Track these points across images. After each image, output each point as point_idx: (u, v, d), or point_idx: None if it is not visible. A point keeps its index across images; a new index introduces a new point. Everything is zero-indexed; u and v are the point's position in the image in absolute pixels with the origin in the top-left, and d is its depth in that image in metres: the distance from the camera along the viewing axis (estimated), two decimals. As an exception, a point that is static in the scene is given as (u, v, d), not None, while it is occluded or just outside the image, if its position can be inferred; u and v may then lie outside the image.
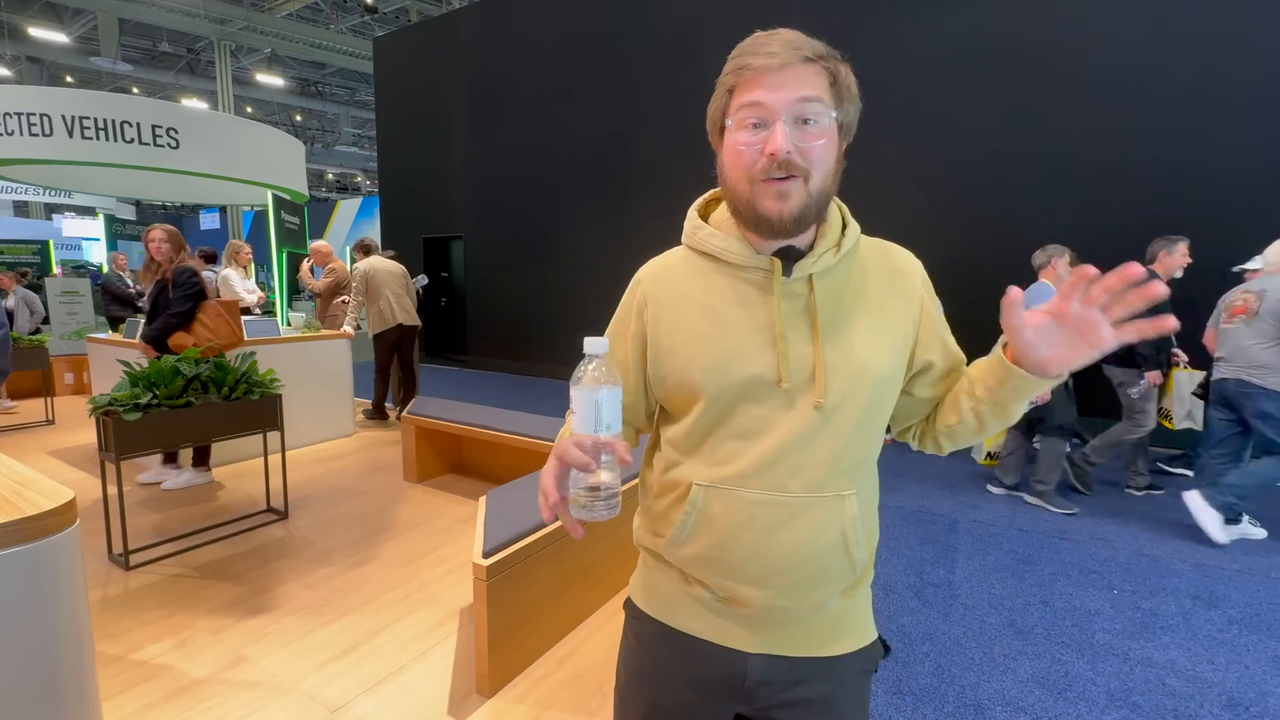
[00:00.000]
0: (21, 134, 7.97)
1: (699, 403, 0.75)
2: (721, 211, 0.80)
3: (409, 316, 5.04)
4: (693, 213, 0.83)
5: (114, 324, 6.96)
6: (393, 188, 9.95)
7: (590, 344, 0.61)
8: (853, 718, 0.80)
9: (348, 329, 4.90)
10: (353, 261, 5.42)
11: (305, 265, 6.21)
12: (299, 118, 20.53)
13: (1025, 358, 0.69)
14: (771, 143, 0.66)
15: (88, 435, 4.60)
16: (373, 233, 11.19)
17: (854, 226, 0.78)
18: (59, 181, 10.76)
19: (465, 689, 1.81)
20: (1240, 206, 4.37)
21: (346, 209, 18.30)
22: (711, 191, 0.84)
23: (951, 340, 0.82)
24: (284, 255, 6.94)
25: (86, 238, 16.58)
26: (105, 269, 7.91)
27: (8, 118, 7.93)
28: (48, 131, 7.99)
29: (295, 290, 7.18)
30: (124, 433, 2.44)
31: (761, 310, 0.74)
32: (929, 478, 3.89)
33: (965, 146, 5.25)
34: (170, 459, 3.62)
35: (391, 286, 4.97)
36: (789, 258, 0.74)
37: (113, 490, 2.49)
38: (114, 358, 4.10)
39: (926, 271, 0.82)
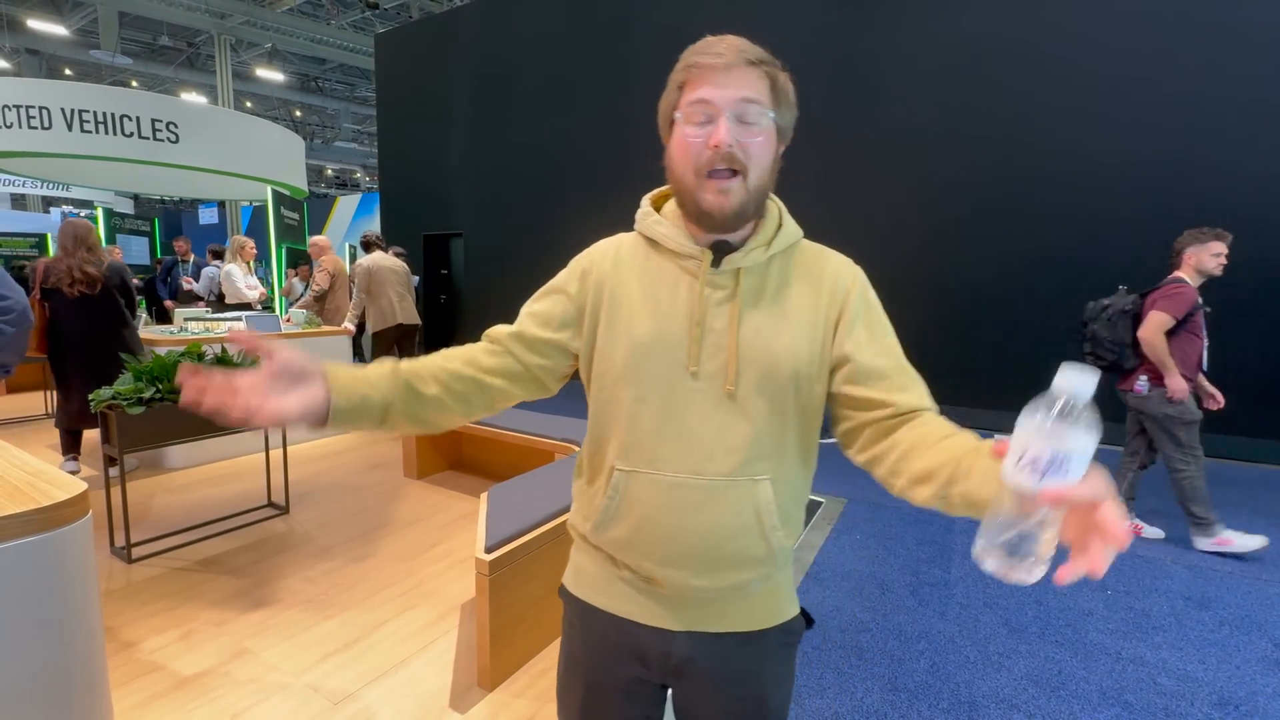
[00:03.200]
0: (20, 127, 7.94)
1: (621, 382, 0.79)
2: (671, 204, 0.84)
3: (410, 315, 5.05)
4: (646, 201, 0.87)
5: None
6: (393, 184, 9.94)
7: (1079, 382, 0.47)
8: (773, 687, 0.84)
9: (348, 325, 4.90)
10: (354, 257, 5.43)
11: (290, 280, 6.21)
12: (299, 113, 20.47)
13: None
14: (715, 135, 0.71)
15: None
16: (372, 229, 11.17)
17: (790, 228, 0.82)
18: (57, 175, 10.74)
19: (467, 682, 1.83)
20: (1242, 204, 4.40)
21: (346, 205, 18.26)
22: (665, 186, 0.87)
23: (889, 345, 0.79)
24: (283, 251, 6.95)
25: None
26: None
27: (6, 110, 7.90)
28: (47, 124, 7.97)
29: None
30: (127, 427, 2.46)
31: (690, 296, 0.78)
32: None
33: (965, 146, 5.27)
34: (72, 449, 3.58)
35: (394, 285, 4.98)
36: (722, 251, 0.78)
37: (115, 484, 2.50)
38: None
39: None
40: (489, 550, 1.78)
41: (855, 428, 0.78)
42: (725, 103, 0.71)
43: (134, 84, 16.81)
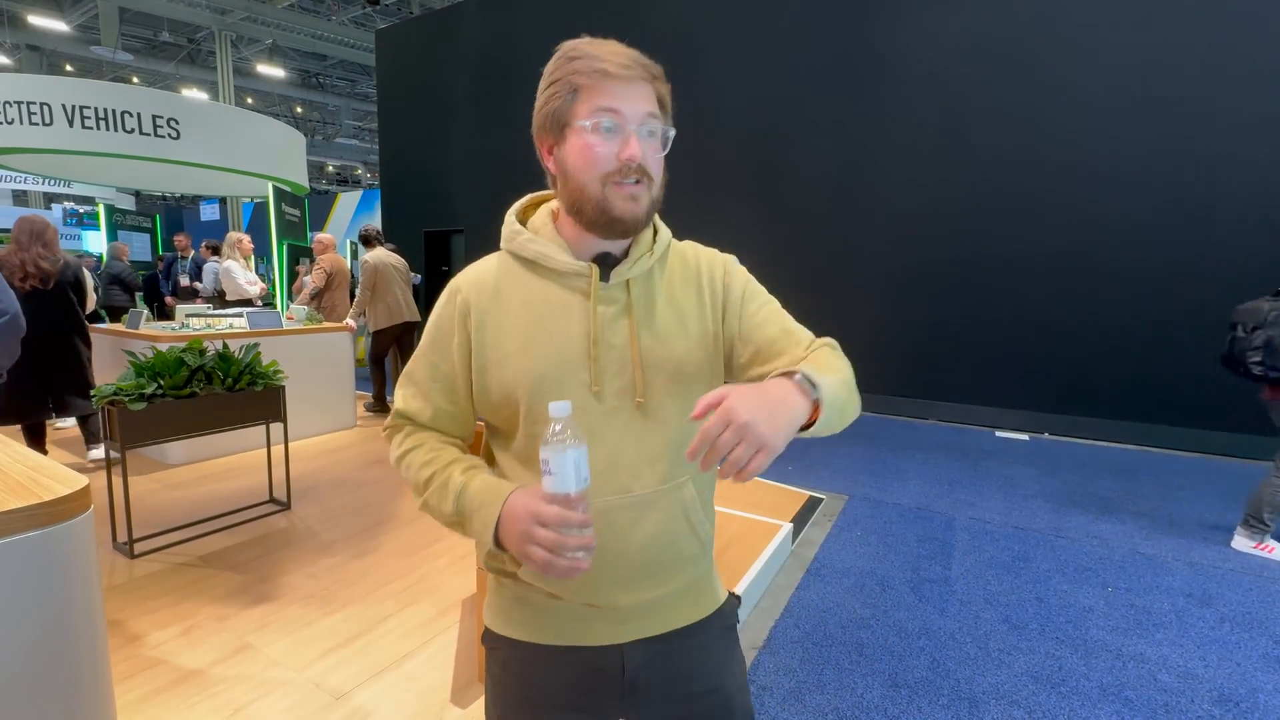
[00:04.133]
0: (21, 123, 7.93)
1: (527, 420, 0.75)
2: (540, 216, 0.82)
3: (413, 312, 5.07)
4: (511, 217, 0.83)
5: (115, 314, 6.95)
6: (394, 181, 9.93)
7: (555, 409, 0.62)
8: (729, 672, 0.84)
9: (350, 322, 4.91)
10: (353, 253, 5.43)
11: (300, 276, 6.21)
12: (299, 109, 20.45)
13: None
14: (630, 148, 0.70)
15: (89, 425, 4.61)
16: (372, 225, 11.16)
17: (664, 231, 0.83)
18: (59, 171, 10.73)
19: (468, 678, 1.84)
20: (1251, 197, 4.38)
21: (347, 202, 18.25)
22: (530, 196, 0.86)
23: (773, 311, 0.82)
24: (284, 247, 6.94)
25: None
26: (105, 259, 7.87)
27: (8, 106, 7.89)
28: (48, 121, 7.95)
29: (294, 281, 7.19)
30: (129, 422, 2.46)
31: (582, 316, 0.75)
32: (927, 475, 3.91)
33: (967, 141, 5.26)
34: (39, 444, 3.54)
35: (399, 281, 5.00)
36: (605, 264, 0.77)
37: (117, 479, 2.50)
38: (117, 347, 4.12)
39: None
40: (490, 546, 1.78)
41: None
42: (635, 117, 0.71)
43: (135, 80, 16.79)
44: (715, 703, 0.81)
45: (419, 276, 6.71)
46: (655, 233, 0.82)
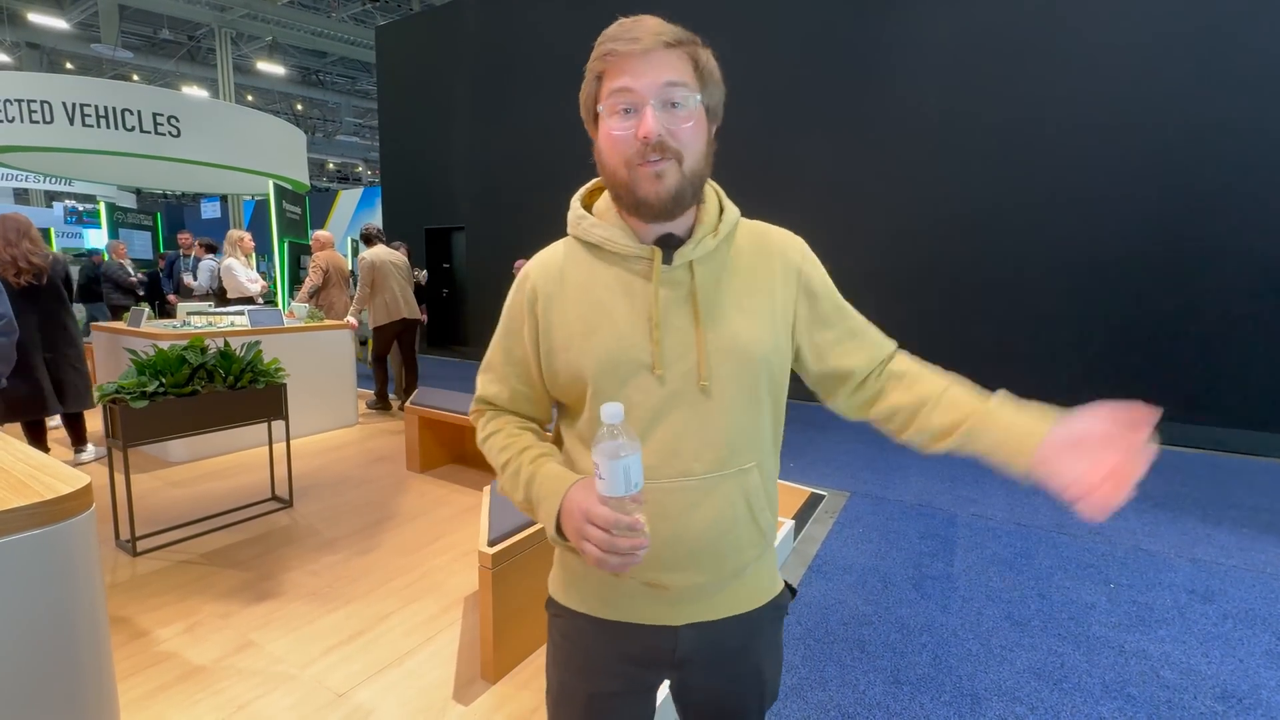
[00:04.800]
0: (22, 121, 7.93)
1: (597, 397, 0.75)
2: (604, 200, 0.81)
3: (412, 310, 5.06)
4: (575, 203, 0.83)
5: (116, 312, 6.96)
6: (394, 178, 9.92)
7: (606, 413, 0.61)
8: (770, 657, 0.87)
9: (350, 320, 4.91)
10: (354, 250, 5.43)
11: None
12: (300, 107, 20.42)
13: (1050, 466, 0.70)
14: (643, 126, 0.68)
15: (92, 423, 4.61)
16: (373, 223, 11.16)
17: (731, 209, 0.80)
18: (59, 169, 10.73)
19: (470, 675, 1.84)
20: (1254, 198, 4.36)
21: (348, 199, 18.23)
22: (594, 181, 0.84)
23: (845, 310, 0.84)
24: (285, 245, 6.94)
25: None
26: (106, 257, 7.88)
27: (8, 104, 7.89)
28: (48, 119, 7.95)
29: (296, 281, 7.18)
30: (131, 420, 2.46)
31: (645, 299, 0.75)
32: (928, 472, 3.91)
33: (971, 135, 5.24)
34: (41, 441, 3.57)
35: (397, 278, 4.99)
36: (669, 245, 0.76)
37: (120, 477, 2.51)
38: (119, 345, 4.12)
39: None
40: (492, 544, 1.78)
41: (848, 395, 0.85)
42: (648, 90, 0.68)
43: (135, 78, 16.77)
44: (752, 681, 0.85)
45: (424, 273, 6.70)
46: (721, 211, 0.79)
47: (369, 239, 5.21)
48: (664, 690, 0.90)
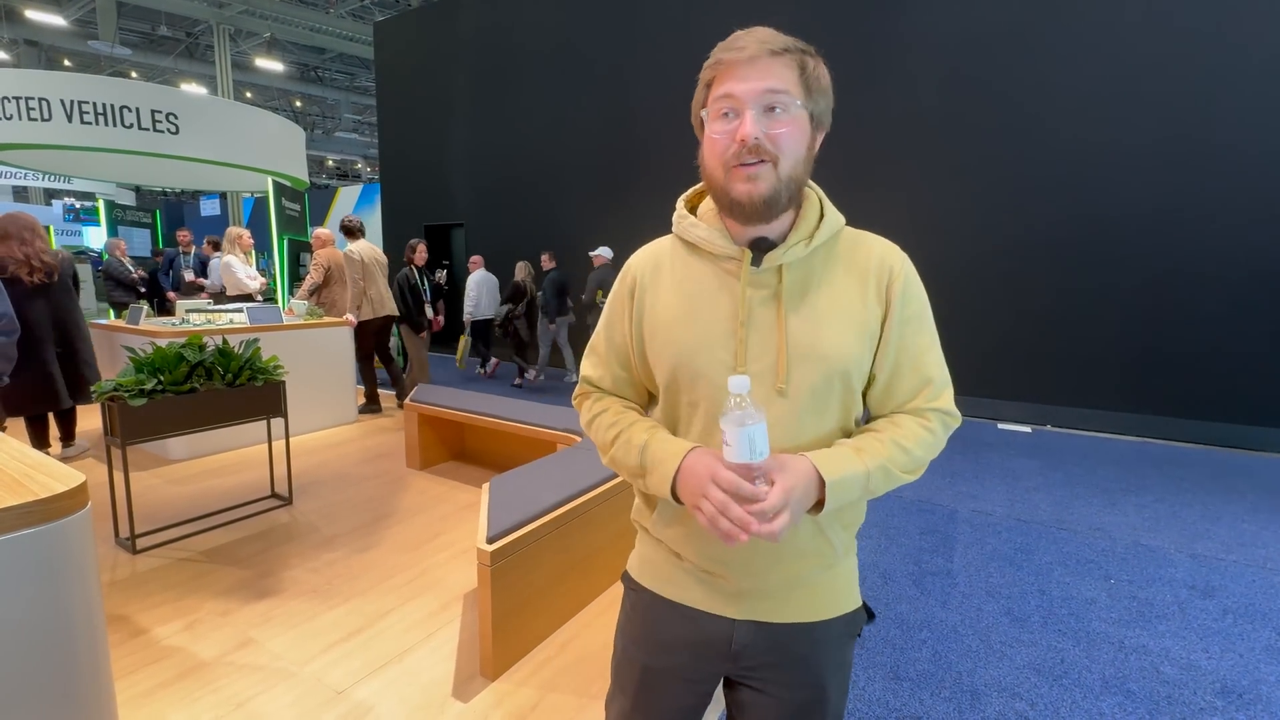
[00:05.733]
0: (20, 118, 7.90)
1: (673, 384, 0.80)
2: (707, 203, 0.84)
3: (391, 307, 5.11)
4: (680, 204, 0.87)
5: (117, 309, 6.96)
6: (393, 175, 9.90)
7: (733, 383, 0.65)
8: (832, 676, 0.84)
9: (350, 316, 4.90)
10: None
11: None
12: (298, 103, 20.37)
13: None
14: (741, 129, 0.70)
15: (90, 421, 4.61)
16: (374, 220, 11.12)
17: (832, 218, 0.80)
18: (58, 167, 10.70)
19: (469, 672, 1.84)
20: (1259, 190, 4.34)
21: (347, 196, 18.20)
22: (699, 185, 0.86)
23: (909, 366, 0.80)
24: (284, 242, 6.92)
25: None
26: (106, 255, 7.87)
27: (6, 102, 7.85)
28: (47, 116, 7.92)
29: (296, 278, 7.17)
30: (129, 418, 2.46)
31: (731, 298, 0.77)
32: (929, 468, 3.89)
33: (971, 133, 5.21)
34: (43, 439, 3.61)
35: (380, 275, 5.01)
36: (762, 249, 0.77)
37: (119, 475, 2.51)
38: (118, 343, 4.12)
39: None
40: (491, 541, 1.78)
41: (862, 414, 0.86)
42: (749, 96, 0.70)
43: (133, 75, 16.73)
44: (812, 696, 0.83)
45: (443, 273, 6.69)
46: (821, 217, 0.79)
47: (351, 232, 5.13)
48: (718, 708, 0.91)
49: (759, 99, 0.70)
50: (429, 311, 5.39)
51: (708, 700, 0.90)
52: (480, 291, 6.96)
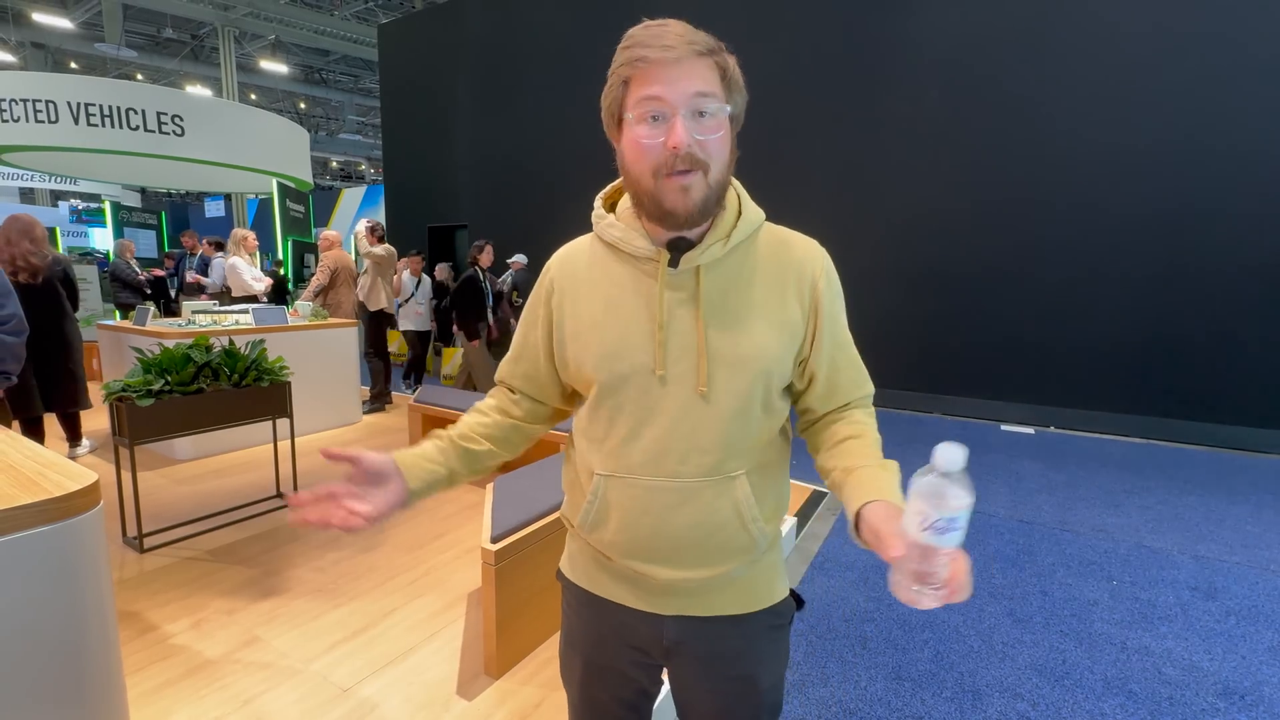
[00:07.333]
0: (27, 120, 7.96)
1: (594, 388, 0.79)
2: (624, 202, 0.82)
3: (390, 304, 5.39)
4: (598, 202, 0.85)
5: (123, 311, 7.00)
6: (397, 176, 9.94)
7: (948, 459, 0.55)
8: (766, 666, 0.85)
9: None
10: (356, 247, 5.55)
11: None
12: (303, 105, 20.46)
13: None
14: (673, 136, 0.67)
15: (98, 420, 4.65)
16: (367, 218, 11.23)
17: (750, 214, 0.79)
18: (64, 169, 10.78)
19: (474, 670, 1.85)
20: (1257, 193, 4.34)
21: (351, 197, 18.28)
22: (616, 182, 0.84)
23: (847, 354, 0.82)
24: (289, 243, 6.97)
25: None
26: (112, 256, 7.91)
27: (13, 104, 7.91)
28: (53, 118, 7.98)
29: (300, 278, 7.21)
30: (137, 418, 2.48)
31: (651, 300, 0.76)
32: (931, 469, 3.90)
33: (971, 134, 5.22)
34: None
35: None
36: (680, 249, 0.75)
37: (126, 474, 2.53)
38: (125, 344, 4.14)
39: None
40: (495, 540, 1.79)
41: (804, 417, 0.88)
42: (678, 100, 0.67)
43: (139, 77, 16.82)
44: (745, 688, 0.84)
45: (508, 276, 6.54)
46: (739, 216, 0.78)
47: (382, 237, 5.39)
48: (664, 691, 0.92)
49: (689, 103, 0.67)
50: (489, 317, 5.20)
51: (656, 687, 0.91)
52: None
